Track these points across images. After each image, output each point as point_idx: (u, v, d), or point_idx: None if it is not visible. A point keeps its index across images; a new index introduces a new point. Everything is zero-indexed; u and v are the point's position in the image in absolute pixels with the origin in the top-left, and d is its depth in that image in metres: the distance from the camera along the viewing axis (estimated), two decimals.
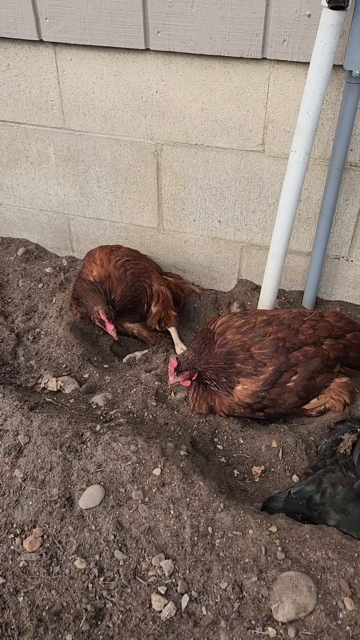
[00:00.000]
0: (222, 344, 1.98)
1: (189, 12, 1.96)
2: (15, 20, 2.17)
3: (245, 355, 1.93)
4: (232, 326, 2.00)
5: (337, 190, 2.16)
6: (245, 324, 1.99)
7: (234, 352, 1.95)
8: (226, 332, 1.99)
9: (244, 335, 1.93)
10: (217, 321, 2.07)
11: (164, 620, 1.46)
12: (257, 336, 1.92)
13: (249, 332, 1.93)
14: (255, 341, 1.92)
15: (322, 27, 1.69)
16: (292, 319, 1.99)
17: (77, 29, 2.12)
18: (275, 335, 1.93)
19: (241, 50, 1.98)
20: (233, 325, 2.00)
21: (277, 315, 2.04)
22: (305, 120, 1.87)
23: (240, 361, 1.93)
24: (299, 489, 1.69)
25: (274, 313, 2.07)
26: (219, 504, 1.64)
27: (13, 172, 2.71)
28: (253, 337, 1.92)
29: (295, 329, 1.95)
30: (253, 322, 1.98)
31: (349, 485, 1.63)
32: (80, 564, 1.56)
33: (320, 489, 1.65)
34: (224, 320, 2.05)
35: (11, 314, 2.55)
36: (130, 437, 1.80)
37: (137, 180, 2.50)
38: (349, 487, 1.63)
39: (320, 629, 1.41)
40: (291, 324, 1.97)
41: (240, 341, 1.93)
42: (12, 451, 1.80)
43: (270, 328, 1.94)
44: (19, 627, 1.46)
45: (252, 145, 2.24)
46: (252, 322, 1.99)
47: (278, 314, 2.04)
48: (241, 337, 1.93)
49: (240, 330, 1.96)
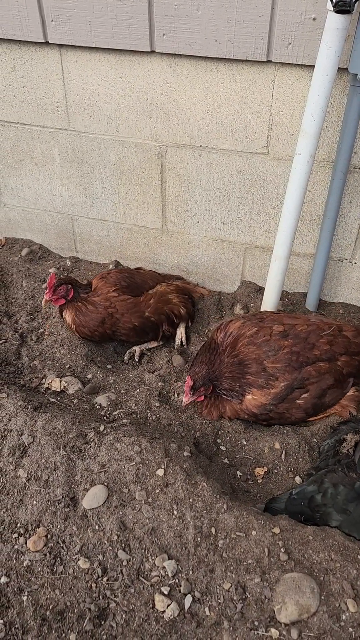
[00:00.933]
0: (234, 354, 1.92)
1: (194, 15, 1.97)
2: (22, 22, 2.18)
3: (258, 368, 1.88)
4: (244, 335, 1.92)
5: (341, 192, 2.17)
6: (259, 333, 1.90)
7: (247, 363, 1.90)
8: (238, 341, 1.92)
9: (258, 348, 1.86)
10: (227, 329, 2.00)
11: (167, 621, 1.46)
12: (272, 350, 1.86)
13: (264, 344, 1.86)
14: (269, 355, 1.86)
15: (327, 31, 1.70)
16: (310, 332, 1.91)
17: (82, 31, 2.13)
18: (289, 349, 1.86)
19: (246, 53, 1.99)
20: (245, 334, 1.92)
21: (294, 325, 1.94)
22: (309, 122, 1.88)
23: (252, 373, 1.90)
24: (300, 489, 1.70)
25: (291, 322, 1.96)
26: (222, 505, 1.65)
27: (18, 172, 2.72)
28: (267, 350, 1.86)
29: (311, 344, 1.88)
30: (268, 334, 1.89)
31: (350, 485, 1.64)
32: (83, 564, 1.57)
33: (321, 489, 1.65)
34: (234, 328, 1.98)
35: (15, 314, 2.56)
36: (134, 438, 1.81)
37: (141, 182, 2.51)
38: (350, 487, 1.63)
39: (323, 630, 1.41)
40: (307, 338, 1.89)
41: (255, 353, 1.87)
42: (16, 451, 1.81)
43: (286, 342, 1.87)
44: (23, 626, 1.47)
45: (256, 147, 2.24)
46: (267, 334, 1.90)
47: (295, 324, 1.94)
48: (255, 350, 1.86)
49: (254, 342, 1.88)
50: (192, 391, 1.92)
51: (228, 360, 1.93)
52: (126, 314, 2.27)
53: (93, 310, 2.25)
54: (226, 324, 2.06)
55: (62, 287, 2.22)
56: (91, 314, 2.25)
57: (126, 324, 2.29)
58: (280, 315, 2.06)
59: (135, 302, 2.31)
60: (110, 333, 2.31)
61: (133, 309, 2.29)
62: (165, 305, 2.38)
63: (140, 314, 2.30)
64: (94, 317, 2.25)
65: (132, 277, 2.39)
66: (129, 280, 2.36)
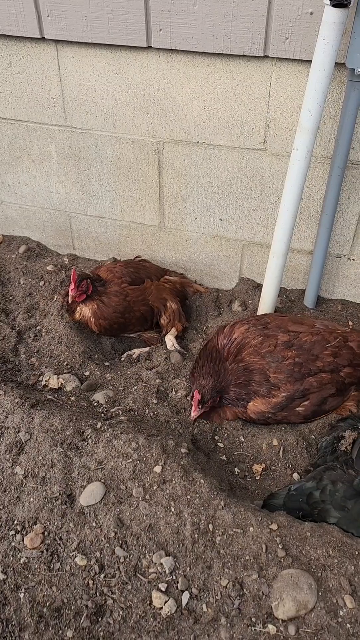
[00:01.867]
0: (238, 359, 1.91)
1: (191, 10, 1.96)
2: (17, 17, 2.17)
3: (261, 378, 1.88)
4: (248, 344, 1.89)
5: (339, 188, 2.16)
6: (264, 343, 1.88)
7: (252, 371, 1.89)
8: (243, 350, 1.90)
9: (262, 358, 1.85)
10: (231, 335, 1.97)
11: (165, 617, 1.46)
12: (275, 361, 1.85)
13: (268, 355, 1.85)
14: (272, 365, 1.86)
15: (325, 25, 1.69)
16: (314, 343, 1.89)
17: (79, 27, 2.12)
18: (293, 360, 1.85)
19: (243, 48, 1.98)
20: (250, 343, 1.89)
21: (299, 334, 1.90)
22: (307, 118, 1.87)
23: (256, 382, 1.90)
24: (299, 485, 1.69)
25: (296, 330, 1.92)
26: (220, 501, 1.65)
27: (15, 169, 2.71)
28: (271, 361, 1.85)
29: (315, 355, 1.87)
30: (273, 344, 1.87)
31: (349, 482, 1.63)
32: (81, 561, 1.57)
33: (320, 486, 1.65)
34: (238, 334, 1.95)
35: (12, 312, 2.55)
36: (131, 435, 1.81)
37: (138, 178, 2.50)
38: (348, 484, 1.63)
39: (320, 626, 1.41)
40: (312, 349, 1.87)
41: (259, 363, 1.86)
42: (14, 448, 1.80)
43: (290, 352, 1.85)
44: (19, 623, 1.47)
45: (253, 143, 2.23)
46: (272, 344, 1.87)
47: (300, 333, 1.91)
48: (259, 360, 1.85)
49: (259, 351, 1.87)
50: (201, 405, 1.91)
51: (232, 367, 1.92)
52: (137, 302, 2.37)
53: (116, 302, 2.32)
54: (230, 329, 2.01)
55: (83, 283, 2.26)
56: (114, 306, 2.31)
57: (137, 313, 2.38)
58: (284, 320, 2.01)
59: (142, 290, 2.40)
60: (126, 323, 2.38)
61: (140, 297, 2.38)
62: (162, 292, 2.46)
63: (145, 301, 2.40)
64: (116, 309, 2.32)
65: (138, 272, 2.46)
66: (135, 275, 2.43)
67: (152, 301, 2.41)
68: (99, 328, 2.34)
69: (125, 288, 2.36)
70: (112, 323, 2.33)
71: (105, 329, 2.35)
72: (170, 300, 2.45)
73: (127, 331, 2.45)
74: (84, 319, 2.35)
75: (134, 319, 2.38)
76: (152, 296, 2.41)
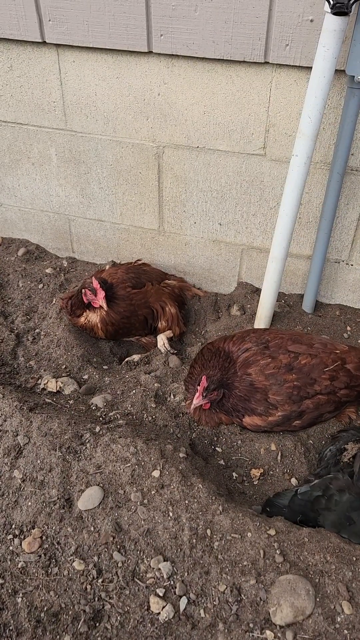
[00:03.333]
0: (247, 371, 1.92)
1: (192, 16, 1.97)
2: (19, 21, 2.18)
3: (261, 397, 1.91)
4: (257, 362, 1.91)
5: (337, 194, 2.17)
6: (270, 365, 1.89)
7: (255, 390, 1.91)
8: (251, 365, 1.92)
9: (267, 380, 1.88)
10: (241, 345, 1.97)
11: (162, 622, 1.46)
12: (277, 383, 1.88)
13: (271, 377, 1.88)
14: (273, 387, 1.89)
15: (325, 33, 1.70)
16: (313, 367, 1.90)
17: (80, 31, 2.13)
18: (292, 383, 1.88)
19: (244, 54, 1.99)
20: (259, 361, 1.90)
21: (298, 357, 1.91)
22: (307, 124, 1.88)
23: (255, 400, 1.92)
24: (306, 490, 1.69)
25: (295, 350, 1.93)
26: (218, 506, 1.65)
27: (14, 172, 2.71)
28: (273, 383, 1.88)
29: (313, 379, 1.89)
30: (277, 367, 1.89)
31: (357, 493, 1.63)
32: (78, 565, 1.57)
33: (327, 494, 1.65)
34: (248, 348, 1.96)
35: (11, 314, 2.55)
36: (130, 439, 1.81)
37: (138, 182, 2.51)
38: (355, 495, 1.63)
39: (318, 632, 1.41)
40: (310, 373, 1.89)
41: (262, 384, 1.89)
42: (12, 452, 1.80)
43: (290, 376, 1.88)
44: (17, 628, 1.46)
45: (253, 148, 2.24)
46: (275, 367, 1.89)
47: (299, 354, 1.91)
48: (263, 380, 1.88)
49: (264, 372, 1.89)
50: (205, 392, 1.89)
51: (241, 374, 1.92)
52: (141, 306, 2.38)
53: (124, 307, 2.33)
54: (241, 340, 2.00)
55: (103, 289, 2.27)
56: (122, 312, 2.32)
57: (140, 317, 2.39)
58: (284, 339, 1.99)
59: (143, 293, 2.41)
60: (130, 328, 2.39)
61: (143, 300, 2.39)
62: (161, 295, 2.47)
63: (147, 304, 2.41)
64: (123, 315, 2.32)
65: (139, 277, 2.46)
66: (136, 280, 2.43)
67: (152, 303, 2.42)
68: (105, 334, 2.35)
69: (130, 292, 2.36)
70: (119, 328, 2.35)
71: (112, 335, 2.36)
72: (169, 304, 2.45)
73: (130, 335, 2.45)
74: (90, 325, 2.35)
75: (137, 322, 2.39)
76: (152, 298, 2.42)
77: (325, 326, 2.49)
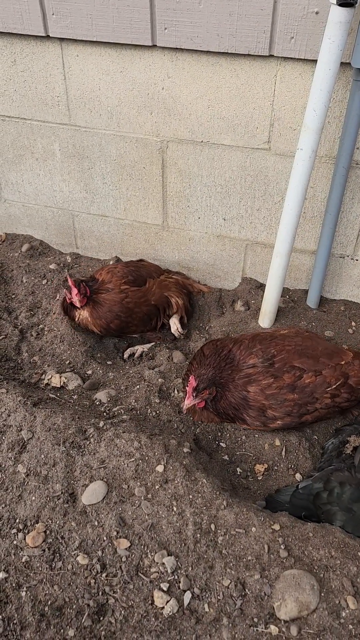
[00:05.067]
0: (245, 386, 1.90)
1: (196, 9, 1.95)
2: (22, 15, 2.17)
3: (258, 414, 1.91)
4: (259, 381, 1.89)
5: (342, 188, 2.15)
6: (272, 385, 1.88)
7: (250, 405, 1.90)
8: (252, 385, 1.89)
9: (267, 399, 1.87)
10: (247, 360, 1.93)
11: (166, 617, 1.46)
12: (277, 403, 1.87)
13: (272, 397, 1.87)
14: (272, 405, 1.88)
15: (330, 25, 1.69)
16: (316, 386, 1.88)
17: (84, 25, 2.12)
18: (293, 402, 1.87)
19: (248, 48, 1.98)
20: (261, 381, 1.89)
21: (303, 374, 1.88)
22: (312, 118, 1.86)
23: (251, 416, 1.91)
24: (306, 484, 1.69)
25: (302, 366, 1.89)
26: (222, 501, 1.64)
27: (18, 168, 2.71)
28: (273, 403, 1.88)
29: (315, 398, 1.88)
30: (279, 387, 1.87)
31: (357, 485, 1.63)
32: (82, 560, 1.56)
33: (328, 487, 1.64)
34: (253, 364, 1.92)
35: (15, 310, 2.55)
36: (134, 434, 1.80)
37: (142, 177, 2.50)
38: (356, 486, 1.62)
39: (322, 627, 1.41)
40: (313, 392, 1.88)
41: (260, 403, 1.88)
42: (16, 446, 1.80)
43: (293, 395, 1.87)
44: (21, 622, 1.47)
45: (258, 142, 2.23)
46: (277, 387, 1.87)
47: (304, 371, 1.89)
48: (262, 400, 1.88)
49: (265, 392, 1.88)
50: (195, 393, 1.87)
51: (239, 385, 1.91)
52: (139, 303, 2.35)
53: (110, 299, 2.30)
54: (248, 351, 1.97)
55: (81, 286, 2.25)
56: (109, 305, 2.30)
57: (138, 314, 2.36)
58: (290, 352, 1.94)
59: (144, 291, 2.38)
60: (125, 324, 2.36)
61: (142, 298, 2.36)
62: (165, 290, 2.46)
63: (147, 301, 2.38)
64: (111, 308, 2.30)
65: (139, 271, 2.45)
66: (136, 274, 2.42)
67: (155, 301, 2.40)
68: (98, 328, 2.33)
69: (126, 289, 2.33)
70: (109, 322, 2.31)
71: (104, 329, 2.34)
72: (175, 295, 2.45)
73: (130, 332, 2.44)
74: (84, 322, 2.34)
75: (136, 319, 2.37)
76: (155, 296, 2.40)
77: (330, 321, 2.48)
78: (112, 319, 2.31)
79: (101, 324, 2.31)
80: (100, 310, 2.29)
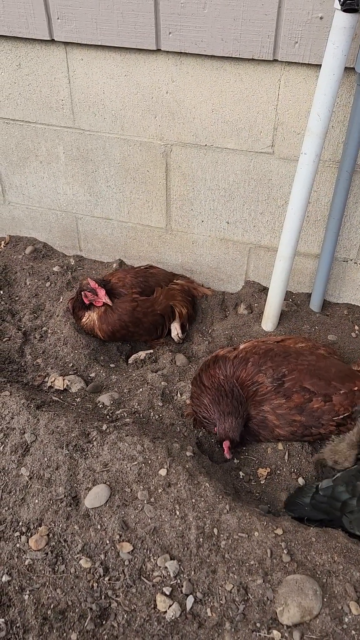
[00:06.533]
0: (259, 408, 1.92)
1: (200, 14, 1.96)
2: (27, 19, 2.18)
3: (267, 433, 1.94)
4: (271, 400, 1.90)
5: (346, 192, 2.15)
6: (283, 405, 1.90)
7: (265, 426, 1.93)
8: (264, 404, 1.91)
9: (277, 419, 1.90)
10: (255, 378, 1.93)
11: (169, 621, 1.46)
12: (285, 423, 1.90)
13: (281, 417, 1.90)
14: (280, 424, 1.91)
15: (335, 30, 1.69)
16: (323, 412, 1.87)
17: (88, 29, 2.12)
18: (299, 423, 1.89)
19: (252, 52, 1.98)
20: (272, 400, 1.90)
21: (312, 397, 1.88)
22: (315, 122, 1.87)
23: (263, 436, 1.96)
24: (327, 486, 1.66)
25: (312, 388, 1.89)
26: (225, 505, 1.64)
27: (22, 171, 2.72)
28: (283, 424, 1.91)
29: (320, 423, 1.89)
30: (289, 407, 1.89)
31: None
32: (85, 563, 1.57)
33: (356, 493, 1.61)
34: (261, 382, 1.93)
35: (18, 312, 2.56)
36: (137, 437, 1.80)
37: (145, 181, 2.51)
38: None
39: (325, 632, 1.40)
40: (320, 418, 1.88)
41: (273, 422, 1.91)
42: (19, 449, 1.80)
43: (300, 417, 1.89)
44: (24, 625, 1.47)
45: (261, 146, 2.23)
46: (289, 407, 1.89)
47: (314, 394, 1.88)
48: (274, 419, 1.91)
49: (276, 412, 1.90)
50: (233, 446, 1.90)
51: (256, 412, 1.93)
52: (147, 313, 2.36)
53: (123, 308, 2.31)
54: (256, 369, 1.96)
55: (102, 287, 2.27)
56: (120, 313, 2.30)
57: (145, 324, 2.37)
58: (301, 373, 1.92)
59: (152, 301, 2.39)
60: (130, 334, 2.38)
61: (150, 308, 2.37)
62: (171, 299, 2.46)
63: (154, 311, 2.39)
64: (121, 317, 2.30)
65: (147, 281, 2.45)
66: (145, 284, 2.42)
67: (161, 310, 2.40)
68: (103, 334, 2.34)
69: (137, 298, 2.35)
70: (115, 330, 2.32)
71: (109, 336, 2.34)
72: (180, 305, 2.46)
73: (133, 340, 2.45)
74: (90, 325, 2.34)
75: (142, 329, 2.37)
76: (161, 306, 2.40)
77: (333, 325, 2.48)
78: (119, 328, 2.32)
79: (106, 331, 2.32)
80: (111, 317, 2.30)
